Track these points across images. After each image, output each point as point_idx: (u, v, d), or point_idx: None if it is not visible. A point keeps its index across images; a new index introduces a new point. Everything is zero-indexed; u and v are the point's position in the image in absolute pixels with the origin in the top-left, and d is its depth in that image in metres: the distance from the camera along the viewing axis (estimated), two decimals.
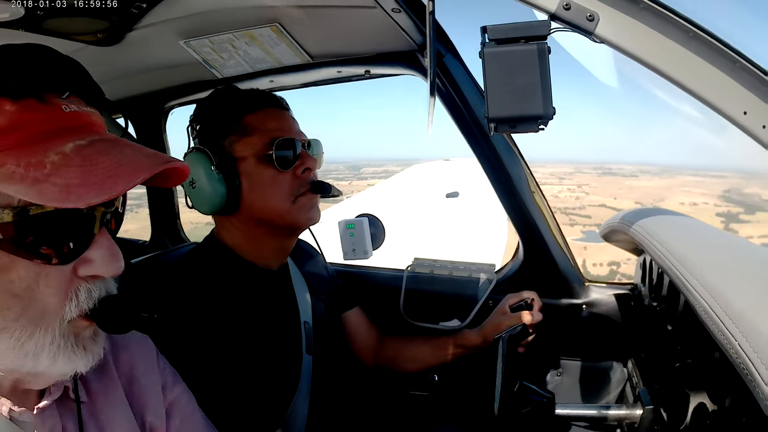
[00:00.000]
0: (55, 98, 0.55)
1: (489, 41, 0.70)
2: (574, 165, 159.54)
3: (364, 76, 1.54)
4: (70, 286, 0.56)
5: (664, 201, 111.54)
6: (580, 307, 1.50)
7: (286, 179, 1.11)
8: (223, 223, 1.18)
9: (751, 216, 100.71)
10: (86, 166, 0.52)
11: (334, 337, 1.32)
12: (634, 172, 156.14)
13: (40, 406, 0.61)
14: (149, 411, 0.74)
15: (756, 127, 0.63)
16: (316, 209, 1.16)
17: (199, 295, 1.05)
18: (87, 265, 0.56)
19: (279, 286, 1.21)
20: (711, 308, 0.69)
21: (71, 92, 0.56)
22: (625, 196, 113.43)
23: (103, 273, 0.57)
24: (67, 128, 0.54)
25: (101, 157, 0.53)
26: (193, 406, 0.82)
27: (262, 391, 1.05)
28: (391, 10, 1.12)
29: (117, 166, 0.53)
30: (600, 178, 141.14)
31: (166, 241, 2.12)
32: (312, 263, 1.41)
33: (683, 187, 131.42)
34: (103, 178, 0.51)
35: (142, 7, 1.11)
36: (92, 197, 0.51)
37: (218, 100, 1.17)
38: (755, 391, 0.57)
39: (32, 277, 0.53)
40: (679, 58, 0.65)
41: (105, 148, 0.54)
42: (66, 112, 0.55)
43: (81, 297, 0.56)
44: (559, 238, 1.50)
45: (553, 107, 0.71)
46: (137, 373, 0.75)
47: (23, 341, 0.53)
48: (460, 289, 1.58)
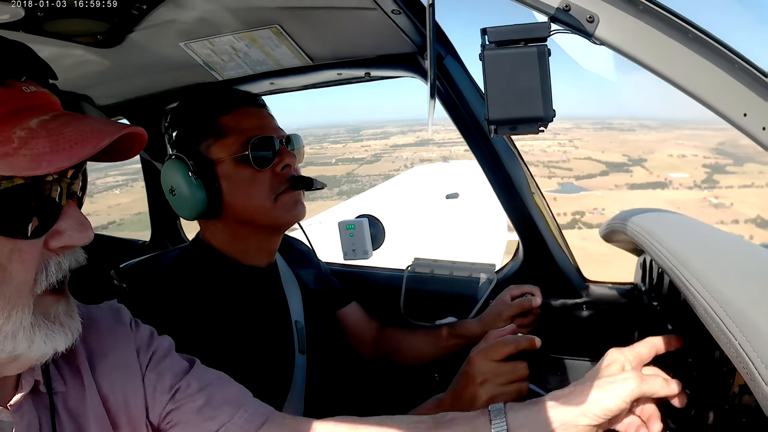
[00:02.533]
0: (15, 81, 0.56)
1: (489, 43, 0.70)
2: (573, 120, 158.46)
3: (364, 79, 1.54)
4: (40, 260, 0.56)
5: (653, 153, 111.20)
6: (581, 306, 1.50)
7: (265, 178, 1.10)
8: (207, 225, 1.17)
9: (739, 167, 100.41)
10: (53, 137, 0.53)
11: (328, 337, 1.31)
12: (633, 126, 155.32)
13: (12, 402, 0.60)
14: (121, 385, 0.73)
15: (756, 128, 0.63)
16: (300, 205, 1.15)
17: (188, 297, 1.05)
18: (58, 237, 0.57)
19: (268, 284, 1.20)
20: (711, 307, 0.69)
21: (29, 77, 0.58)
22: (614, 149, 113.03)
23: (75, 242, 0.57)
24: (29, 107, 0.56)
25: (66, 128, 0.54)
26: (171, 356, 0.80)
27: (254, 391, 1.05)
28: (391, 12, 1.13)
29: (82, 134, 0.54)
30: (596, 133, 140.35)
31: (166, 241, 2.12)
32: (304, 262, 1.40)
33: (678, 140, 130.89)
34: (71, 145, 0.53)
35: (143, 9, 1.11)
36: (62, 161, 0.52)
37: (192, 103, 1.16)
38: (755, 390, 0.57)
39: (5, 255, 0.53)
40: (679, 59, 0.65)
41: (68, 120, 0.56)
42: (27, 93, 0.56)
43: (51, 270, 0.57)
44: (559, 238, 1.51)
45: (553, 109, 0.71)
46: (105, 346, 0.73)
47: (1, 323, 0.53)
48: (460, 289, 1.58)
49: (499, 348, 0.95)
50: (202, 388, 0.78)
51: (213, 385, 0.80)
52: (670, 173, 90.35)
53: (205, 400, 0.77)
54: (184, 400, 0.76)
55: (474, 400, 0.92)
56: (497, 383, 0.92)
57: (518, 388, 0.94)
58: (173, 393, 0.76)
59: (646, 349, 0.84)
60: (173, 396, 0.76)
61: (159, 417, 0.75)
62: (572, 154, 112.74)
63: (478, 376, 0.93)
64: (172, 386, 0.76)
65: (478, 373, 0.93)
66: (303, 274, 1.33)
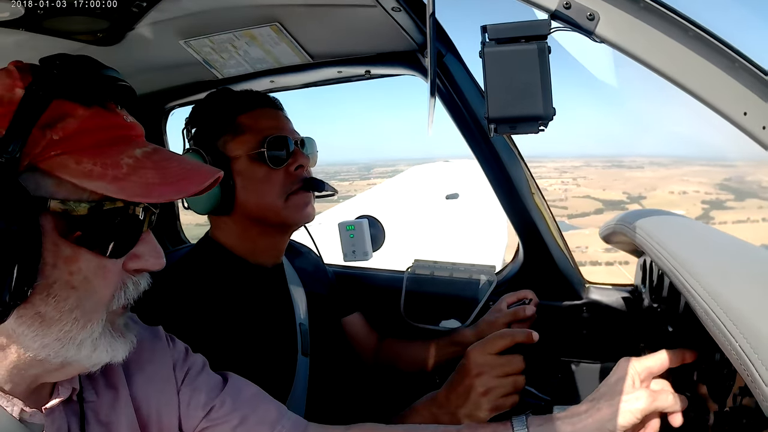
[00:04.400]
0: (116, 107, 0.61)
1: (489, 40, 0.70)
2: (585, 159, 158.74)
3: (364, 77, 1.54)
4: (120, 279, 0.60)
5: (655, 190, 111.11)
6: (581, 308, 1.50)
7: (278, 177, 1.12)
8: (217, 222, 1.18)
9: (739, 203, 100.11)
10: (160, 170, 0.58)
11: (332, 340, 1.31)
12: (643, 164, 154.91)
13: (48, 406, 0.62)
14: (156, 398, 0.74)
15: (756, 128, 0.63)
16: (310, 207, 1.17)
17: (197, 296, 1.05)
18: (136, 259, 0.61)
19: (273, 284, 1.21)
20: (711, 309, 0.69)
21: (122, 104, 0.62)
22: (616, 187, 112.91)
23: (149, 267, 0.62)
24: (128, 136, 0.60)
25: (170, 163, 0.59)
26: (206, 372, 0.83)
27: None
28: (391, 9, 1.12)
29: (186, 171, 0.59)
30: (603, 171, 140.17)
31: (166, 242, 2.12)
32: (309, 264, 1.41)
33: (683, 177, 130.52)
34: (177, 180, 0.58)
35: (143, 6, 1.11)
36: (171, 194, 0.57)
37: (213, 101, 1.19)
38: (756, 392, 0.57)
39: (91, 270, 0.56)
40: (680, 57, 0.65)
41: (167, 156, 0.61)
42: (127, 122, 0.61)
43: (129, 289, 0.61)
44: (559, 239, 1.50)
45: (553, 108, 0.71)
46: (142, 359, 0.75)
47: (73, 333, 0.56)
48: (460, 290, 1.57)
49: (495, 341, 0.97)
50: (237, 408, 0.80)
51: (248, 403, 0.82)
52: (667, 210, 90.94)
53: (239, 419, 0.80)
54: (219, 419, 0.79)
55: (470, 392, 0.94)
56: (493, 375, 0.94)
57: (514, 380, 0.95)
58: (208, 411, 0.78)
59: (657, 365, 0.86)
60: (208, 413, 0.78)
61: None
62: (572, 193, 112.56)
63: (475, 368, 0.94)
64: (206, 403, 0.79)
65: (474, 366, 0.95)
66: (308, 276, 1.34)
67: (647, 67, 0.66)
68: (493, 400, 0.94)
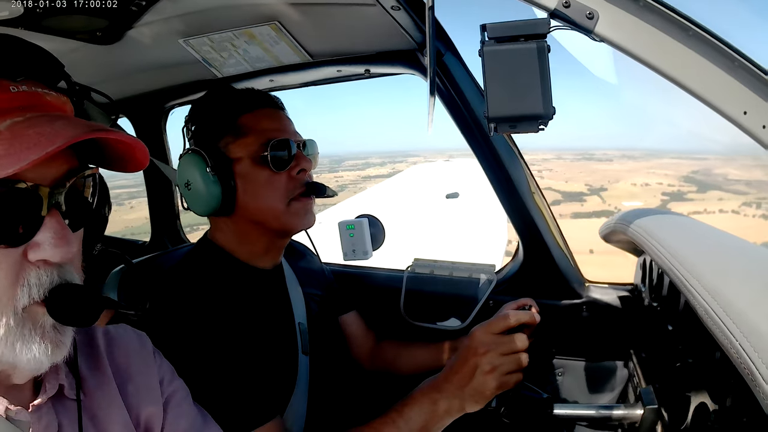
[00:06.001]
0: (7, 81, 0.55)
1: (489, 39, 0.70)
2: (556, 152, 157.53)
3: (363, 75, 1.54)
4: (20, 270, 0.54)
5: (617, 182, 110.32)
6: (581, 307, 1.49)
7: (281, 181, 1.11)
8: (217, 224, 1.18)
9: (700, 195, 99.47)
10: (13, 140, 0.51)
11: (331, 338, 1.32)
12: (614, 156, 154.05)
13: (35, 403, 0.61)
14: (144, 407, 0.74)
15: (756, 127, 0.63)
16: (310, 214, 1.16)
17: (195, 297, 1.05)
18: (35, 249, 0.54)
19: (273, 285, 1.21)
20: (711, 308, 0.69)
21: (27, 77, 0.56)
22: (580, 179, 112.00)
23: (49, 257, 0.54)
24: (10, 108, 0.54)
25: (28, 130, 0.52)
26: (188, 401, 0.82)
27: (258, 391, 1.05)
28: (391, 8, 1.12)
29: (38, 136, 0.51)
30: (571, 163, 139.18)
31: (166, 241, 2.12)
32: (307, 264, 1.41)
33: (651, 169, 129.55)
34: (21, 149, 0.50)
35: (142, 5, 1.11)
36: (8, 167, 0.49)
37: (213, 100, 1.17)
38: (756, 390, 0.57)
39: None
40: (679, 56, 0.64)
41: (39, 122, 0.53)
42: (12, 92, 0.54)
43: (31, 282, 0.54)
44: (559, 238, 1.50)
45: (552, 107, 0.71)
46: (132, 370, 0.75)
47: None
48: (460, 289, 1.57)
49: (500, 321, 0.99)
50: None
51: None
52: (624, 202, 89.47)
53: None
54: None
55: (474, 370, 0.96)
56: (498, 352, 0.96)
57: (518, 358, 0.96)
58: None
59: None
60: None
61: None
62: None
63: (480, 347, 0.96)
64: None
65: (480, 344, 0.97)
66: (306, 276, 1.34)
67: (647, 66, 0.66)
68: (498, 377, 0.95)
